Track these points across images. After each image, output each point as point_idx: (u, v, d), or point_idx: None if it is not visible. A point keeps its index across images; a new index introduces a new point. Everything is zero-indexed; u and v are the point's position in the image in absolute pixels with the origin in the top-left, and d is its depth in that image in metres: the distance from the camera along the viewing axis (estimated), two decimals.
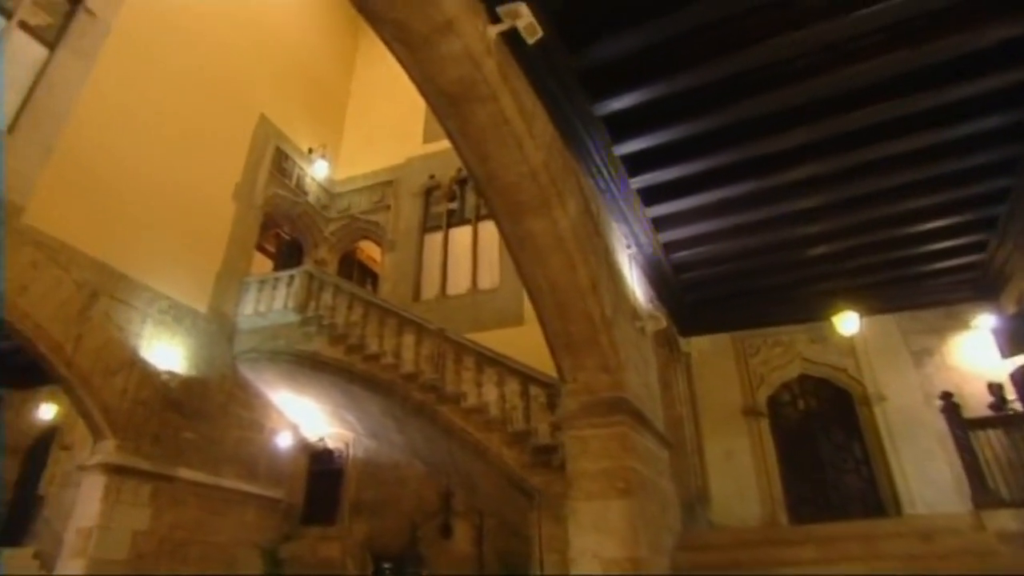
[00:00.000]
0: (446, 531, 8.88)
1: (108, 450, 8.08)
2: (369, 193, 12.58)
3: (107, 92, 8.77)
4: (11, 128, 7.74)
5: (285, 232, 12.90)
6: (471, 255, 10.97)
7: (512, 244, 5.43)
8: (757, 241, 7.74)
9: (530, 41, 4.58)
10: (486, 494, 8.43)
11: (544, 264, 5.46)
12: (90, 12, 8.82)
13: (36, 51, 8.29)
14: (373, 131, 13.46)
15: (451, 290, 10.86)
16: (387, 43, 4.31)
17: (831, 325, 7.98)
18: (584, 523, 5.42)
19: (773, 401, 8.74)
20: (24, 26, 8.18)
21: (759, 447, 8.31)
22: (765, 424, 8.49)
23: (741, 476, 8.21)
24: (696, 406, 8.78)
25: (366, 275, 13.87)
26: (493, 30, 4.48)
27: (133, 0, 9.38)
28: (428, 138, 12.43)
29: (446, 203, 11.75)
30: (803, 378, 8.74)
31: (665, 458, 6.82)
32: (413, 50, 4.27)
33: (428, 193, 12.01)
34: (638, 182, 6.77)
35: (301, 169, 12.32)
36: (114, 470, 8.00)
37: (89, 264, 8.19)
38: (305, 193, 12.33)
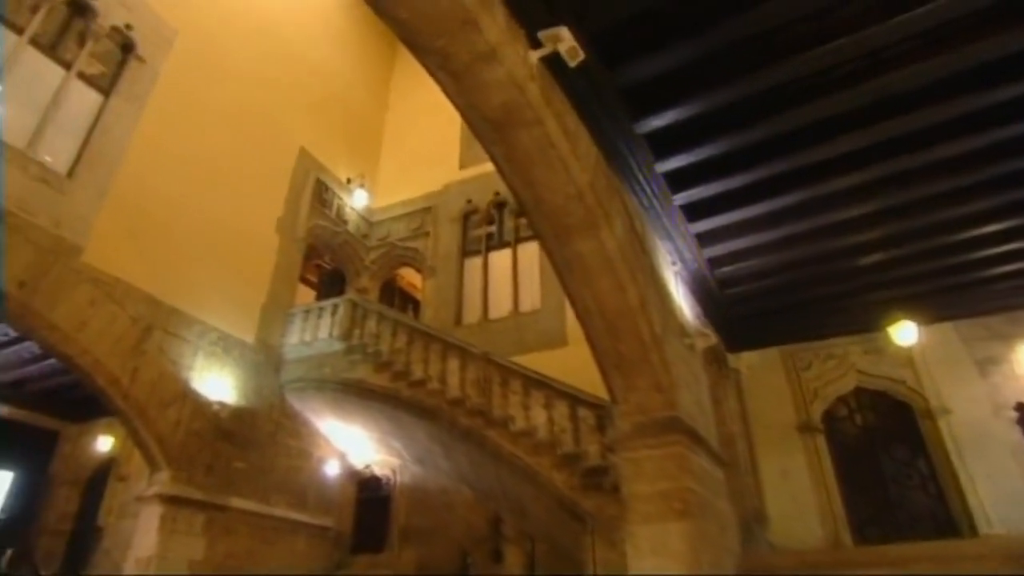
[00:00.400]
0: (496, 557, 8.78)
1: (164, 481, 8.25)
2: (408, 220, 12.75)
3: (156, 134, 9.15)
4: (70, 172, 8.12)
5: (326, 262, 13.14)
6: (511, 278, 10.98)
7: (560, 267, 5.42)
8: (804, 252, 7.57)
9: (572, 64, 4.60)
10: (536, 519, 8.32)
11: (592, 285, 5.43)
12: (140, 59, 9.25)
13: (92, 98, 8.72)
14: (409, 159, 13.69)
15: (493, 313, 10.87)
16: (431, 72, 4.39)
17: (886, 335, 7.69)
18: (643, 547, 5.29)
19: (828, 416, 8.44)
20: (82, 76, 8.61)
21: (816, 464, 8.01)
22: (821, 440, 8.20)
23: (799, 495, 7.93)
24: (748, 423, 8.55)
25: (407, 302, 14.01)
26: (535, 55, 4.52)
27: (179, 45, 9.81)
28: (464, 164, 12.59)
29: (484, 227, 11.83)
30: (859, 391, 8.42)
31: (721, 478, 6.64)
32: (457, 78, 4.34)
33: (466, 218, 12.11)
34: (681, 198, 6.70)
35: (340, 199, 12.59)
36: (170, 500, 8.16)
37: (143, 299, 8.46)
38: (345, 223, 12.57)
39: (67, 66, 8.53)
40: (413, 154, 13.68)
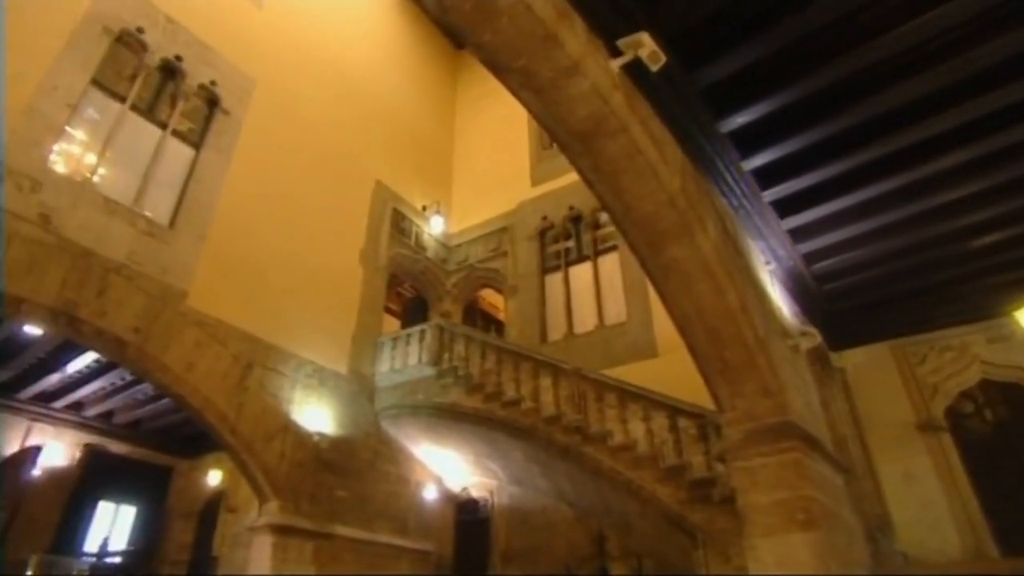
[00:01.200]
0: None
1: (273, 511, 8.52)
2: (485, 242, 12.86)
3: (243, 180, 9.63)
4: (171, 223, 8.62)
5: (406, 290, 13.40)
6: (594, 291, 10.86)
7: (655, 275, 5.31)
8: (909, 239, 7.10)
9: (654, 68, 4.54)
10: (642, 535, 8.10)
11: (690, 291, 5.28)
12: (226, 112, 9.81)
13: (186, 153, 9.27)
14: (481, 182, 13.87)
15: (578, 328, 10.76)
16: (513, 91, 4.42)
17: (1015, 321, 7.03)
18: (766, 561, 5.03)
19: (952, 413, 7.74)
20: (176, 133, 9.21)
21: (944, 466, 7.37)
22: (947, 439, 7.54)
23: (927, 500, 7.30)
24: (860, 425, 8.02)
25: (489, 323, 14.10)
26: (616, 64, 4.48)
27: (258, 96, 10.34)
28: (536, 181, 12.65)
29: (562, 242, 11.79)
30: (986, 384, 7.68)
31: (841, 484, 6.27)
32: (540, 95, 4.35)
33: (543, 234, 12.10)
34: (771, 195, 6.47)
35: (418, 227, 12.87)
36: (280, 530, 8.41)
37: (242, 338, 8.82)
38: (424, 249, 12.82)
39: (163, 126, 9.11)
40: (484, 176, 13.86)
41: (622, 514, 8.03)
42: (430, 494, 10.53)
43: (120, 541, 13.62)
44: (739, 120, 5.61)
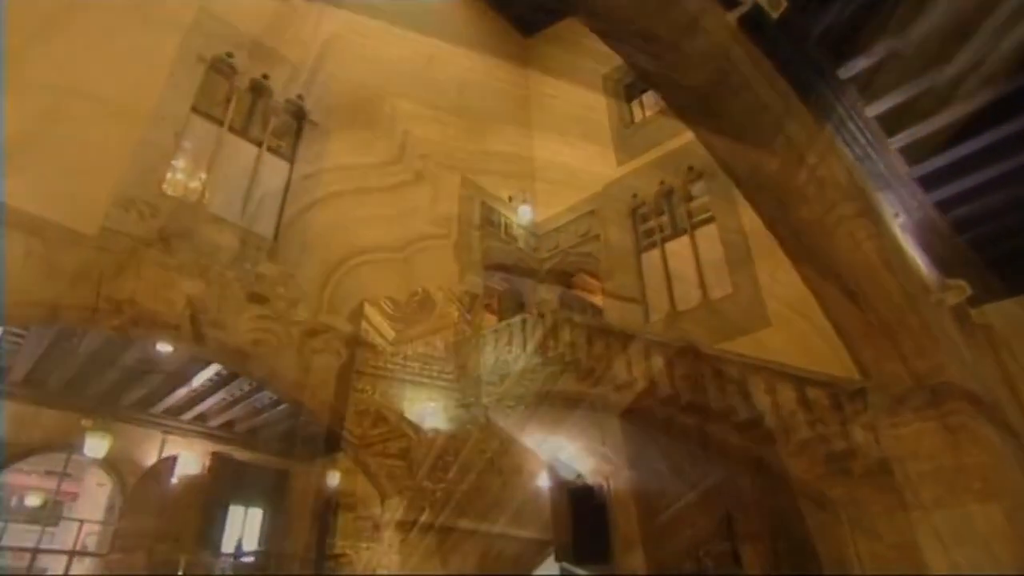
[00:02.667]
0: (735, 558, 8.26)
1: (395, 507, 8.74)
2: (575, 226, 12.66)
3: (336, 187, 9.89)
4: (275, 235, 8.94)
5: (496, 284, 13.37)
6: (694, 265, 10.46)
7: (784, 237, 5.01)
8: None
9: (775, 15, 4.24)
10: (775, 513, 7.73)
11: (825, 249, 4.94)
12: (312, 122, 10.10)
13: (282, 166, 9.61)
14: (564, 167, 13.62)
15: (681, 305, 10.39)
16: (629, 59, 4.26)
17: None
18: (942, 534, 4.64)
19: None
20: (271, 149, 9.54)
21: None
22: None
23: None
24: (1014, 386, 7.31)
25: (584, 308, 13.89)
26: (733, 15, 4.22)
27: (341, 103, 10.58)
28: (621, 160, 12.32)
29: (655, 219, 11.45)
30: None
31: (1011, 451, 5.72)
32: (658, 59, 4.16)
33: (634, 212, 11.79)
34: (897, 141, 5.94)
35: (506, 218, 12.83)
36: (403, 525, 8.63)
37: (350, 341, 9.05)
38: (514, 240, 12.79)
39: (258, 143, 9.46)
40: (567, 160, 13.61)
41: (751, 492, 7.69)
42: (544, 483, 10.48)
43: (251, 541, 14.39)
44: (860, 64, 5.17)
